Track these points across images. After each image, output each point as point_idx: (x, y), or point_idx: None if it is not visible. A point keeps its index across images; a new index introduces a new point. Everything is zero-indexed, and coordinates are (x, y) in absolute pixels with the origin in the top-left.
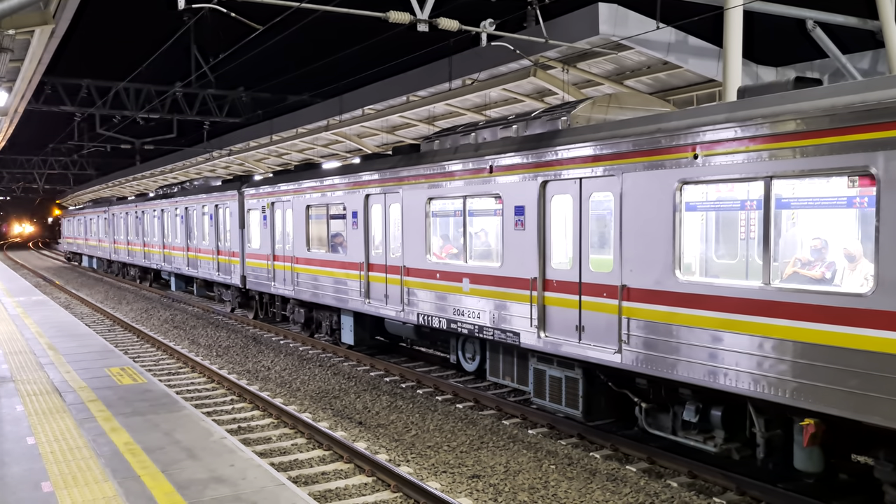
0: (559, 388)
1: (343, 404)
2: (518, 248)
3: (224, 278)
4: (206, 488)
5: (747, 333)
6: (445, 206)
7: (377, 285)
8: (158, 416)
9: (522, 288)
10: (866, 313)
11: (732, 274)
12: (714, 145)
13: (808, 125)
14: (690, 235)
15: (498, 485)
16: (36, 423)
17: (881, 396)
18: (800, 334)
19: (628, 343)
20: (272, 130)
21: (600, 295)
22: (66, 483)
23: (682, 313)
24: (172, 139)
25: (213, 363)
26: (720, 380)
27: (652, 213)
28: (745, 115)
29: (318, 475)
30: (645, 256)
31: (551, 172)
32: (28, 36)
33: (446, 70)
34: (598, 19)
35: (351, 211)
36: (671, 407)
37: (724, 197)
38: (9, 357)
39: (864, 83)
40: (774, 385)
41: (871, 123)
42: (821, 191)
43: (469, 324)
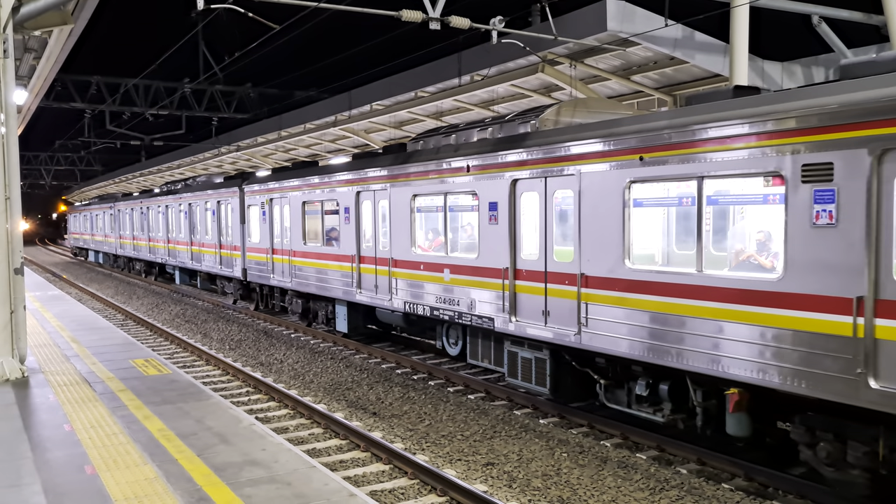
0: (530, 369)
1: (356, 395)
2: (492, 240)
3: (226, 271)
4: (242, 470)
5: (684, 315)
6: (428, 203)
7: (368, 276)
8: (187, 404)
9: (496, 277)
10: (777, 295)
11: (673, 262)
12: (657, 149)
13: (733, 132)
14: (638, 229)
15: (512, 472)
16: (70, 411)
17: (790, 367)
18: (725, 314)
19: (587, 325)
20: (280, 126)
21: (563, 283)
22: (108, 466)
23: (632, 298)
24: (181, 135)
25: (227, 356)
26: (664, 357)
27: (606, 208)
28: (682, 122)
29: (337, 463)
30: (600, 248)
31: (520, 172)
32: (47, 36)
33: (454, 66)
34: (606, 16)
35: (343, 207)
36: (626, 383)
37: (665, 194)
38: (34, 350)
39: (783, 94)
40: (706, 360)
41: (780, 131)
42: (743, 189)
43: (450, 311)
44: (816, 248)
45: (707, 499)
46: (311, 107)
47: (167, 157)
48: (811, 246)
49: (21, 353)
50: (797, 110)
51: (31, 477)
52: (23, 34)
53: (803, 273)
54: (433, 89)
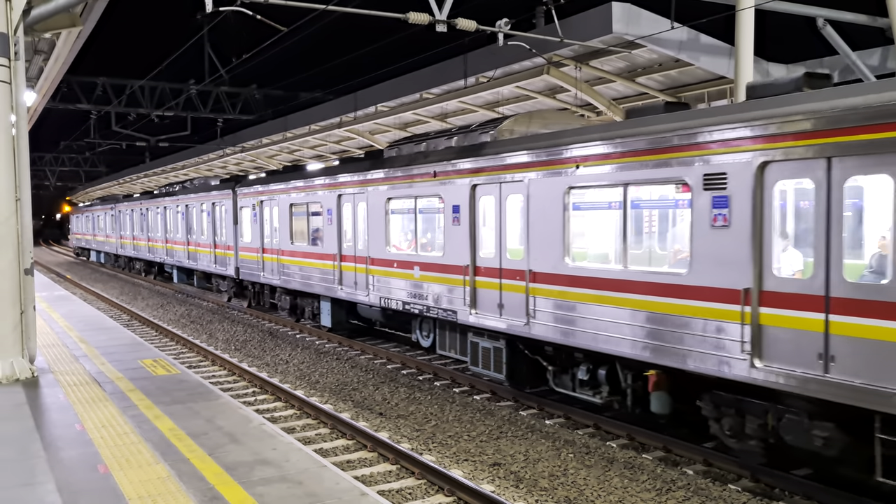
0: (489, 357)
1: (362, 396)
2: (455, 240)
3: (220, 270)
4: (253, 469)
5: (613, 306)
6: (401, 205)
7: (348, 273)
8: (197, 404)
9: (459, 274)
10: (685, 288)
11: (604, 260)
12: (590, 159)
13: (650, 144)
14: (575, 230)
15: (519, 472)
16: (81, 411)
17: (695, 350)
18: (645, 305)
19: (534, 317)
20: (286, 127)
21: (515, 278)
22: (121, 465)
23: (571, 291)
24: (186, 136)
25: (233, 356)
26: (598, 344)
27: (549, 212)
28: (609, 135)
29: (344, 463)
30: (545, 247)
31: (479, 178)
32: (55, 38)
33: (460, 68)
34: (612, 18)
35: (326, 208)
36: (570, 369)
37: (597, 199)
38: (43, 350)
39: (700, 111)
40: (630, 345)
41: (687, 145)
42: (660, 195)
43: (419, 305)
44: (714, 247)
45: (714, 499)
46: (317, 108)
47: (172, 159)
48: (710, 244)
49: (31, 353)
50: (700, 127)
51: (45, 476)
52: (33, 36)
53: (704, 268)
54: (438, 91)
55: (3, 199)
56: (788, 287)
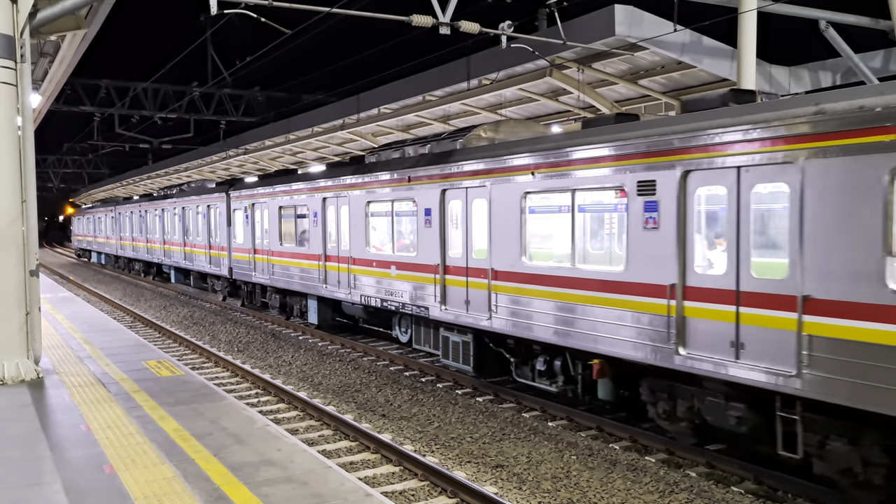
0: (458, 350)
1: (365, 398)
2: (427, 241)
3: (215, 270)
4: (258, 470)
5: (564, 301)
6: (379, 208)
7: (332, 273)
8: (202, 405)
9: (431, 272)
10: (622, 284)
11: (555, 259)
12: (542, 166)
13: (594, 153)
14: (531, 231)
15: (521, 474)
16: (87, 411)
17: (631, 340)
18: (589, 300)
19: (496, 312)
20: (288, 129)
21: (479, 276)
22: (126, 465)
23: (527, 288)
24: (189, 138)
25: (236, 358)
26: (551, 336)
27: (508, 214)
28: (559, 145)
29: (347, 465)
30: (504, 247)
31: (448, 183)
32: (60, 40)
33: (463, 70)
34: (614, 21)
35: (312, 211)
36: (530, 360)
37: (550, 203)
38: (48, 351)
39: (642, 123)
40: (575, 337)
41: (625, 154)
42: (603, 200)
43: (396, 302)
44: (646, 247)
45: (717, 502)
46: (320, 110)
47: (174, 161)
48: (643, 245)
49: (36, 354)
50: (635, 138)
51: (52, 476)
52: (38, 39)
53: (638, 266)
54: (441, 93)
55: (9, 201)
56: (707, 283)
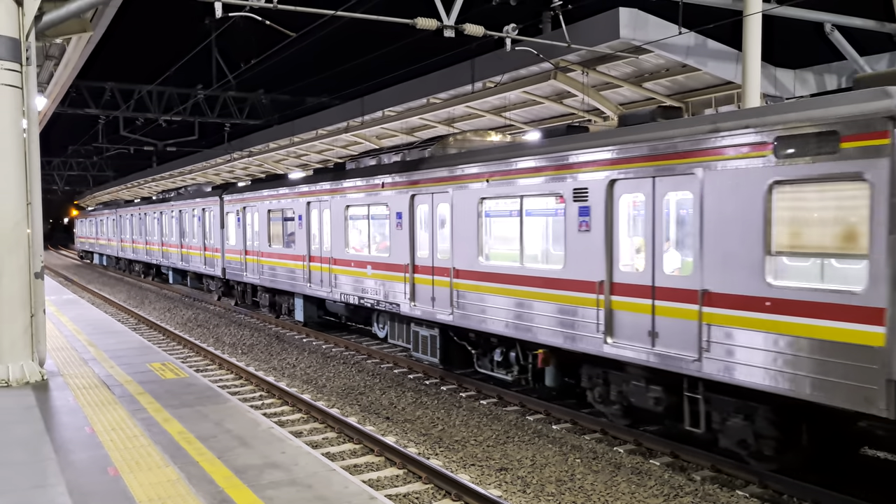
0: (427, 344)
1: (369, 400)
2: (398, 242)
3: (209, 270)
4: (263, 473)
5: (513, 297)
6: (357, 212)
7: (316, 273)
8: (206, 407)
9: (401, 272)
10: (562, 281)
11: (507, 259)
12: (495, 174)
13: (537, 163)
14: (486, 233)
15: (526, 477)
16: (91, 414)
17: (568, 331)
18: (534, 296)
19: (458, 307)
20: (293, 132)
21: (443, 275)
22: (131, 468)
23: (483, 285)
24: (193, 141)
25: (240, 360)
26: (504, 329)
27: (467, 218)
28: (508, 155)
29: (351, 467)
30: (464, 247)
31: (416, 189)
32: (65, 43)
33: (467, 73)
34: (619, 23)
35: (298, 214)
36: (488, 352)
37: (501, 208)
38: (53, 353)
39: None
40: (524, 329)
41: (563, 165)
42: (546, 205)
43: (371, 299)
44: (580, 247)
45: None
46: (324, 113)
47: (179, 163)
48: (578, 245)
49: (41, 356)
50: (571, 150)
51: (56, 478)
52: (44, 42)
53: (574, 265)
54: (445, 95)
55: (14, 204)
56: (629, 279)
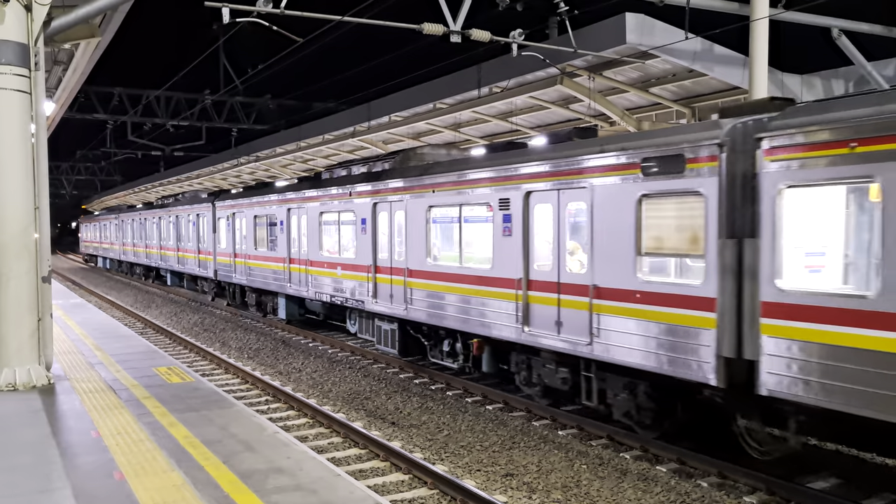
0: (388, 337)
1: (375, 405)
2: (363, 245)
3: (202, 272)
4: (268, 478)
5: (454, 293)
6: (329, 218)
7: (295, 273)
8: (211, 412)
9: (365, 272)
10: (489, 279)
11: (451, 259)
12: (439, 186)
13: (472, 176)
14: (433, 237)
15: (531, 483)
16: (97, 417)
17: (494, 322)
18: (465, 291)
19: (411, 303)
20: (299, 137)
21: (399, 274)
22: (136, 472)
23: (430, 283)
24: (201, 146)
25: (246, 365)
26: (449, 322)
27: (418, 223)
28: (450, 168)
29: (357, 472)
30: (416, 249)
31: (378, 197)
32: (74, 48)
33: (474, 78)
34: (625, 29)
35: (280, 220)
36: (438, 343)
37: (447, 215)
38: (59, 357)
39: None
40: (463, 321)
41: (493, 178)
42: (479, 213)
43: (341, 297)
44: (504, 249)
45: None
46: (331, 118)
47: (186, 168)
48: (502, 248)
49: (47, 360)
50: (499, 165)
51: (62, 482)
52: (52, 47)
53: (499, 265)
54: (452, 101)
55: (22, 208)
56: (541, 277)
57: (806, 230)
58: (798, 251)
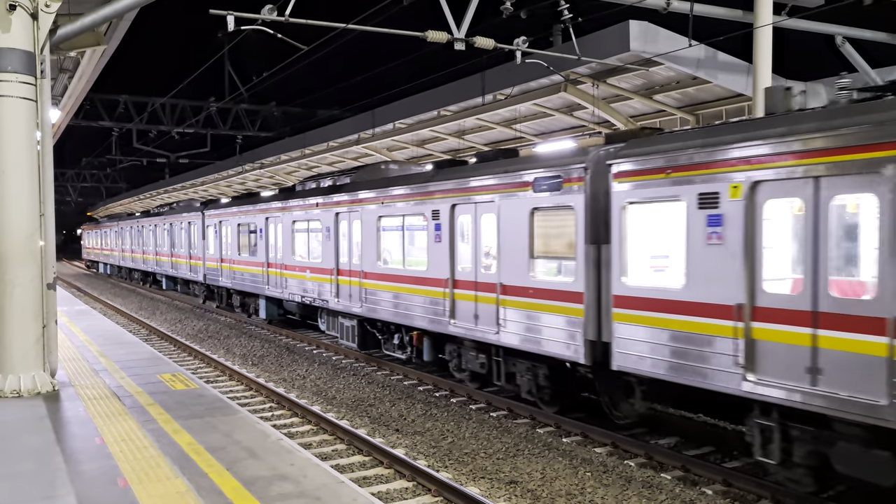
0: (349, 332)
1: (379, 412)
2: (328, 250)
3: (193, 276)
4: (271, 485)
5: (399, 292)
6: (300, 226)
7: (273, 277)
8: (215, 419)
9: (329, 274)
10: (425, 279)
11: (396, 263)
12: (389, 198)
13: (412, 191)
14: (384, 243)
15: (535, 490)
16: (101, 424)
17: (428, 317)
18: (407, 290)
19: (366, 301)
20: (304, 144)
21: (357, 276)
22: (140, 479)
23: (380, 283)
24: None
25: (250, 371)
26: (395, 318)
27: (371, 231)
28: (396, 182)
29: (360, 479)
30: (369, 254)
31: (339, 207)
32: (80, 56)
33: (478, 85)
34: (629, 36)
35: (259, 228)
36: (390, 337)
37: (393, 224)
38: (64, 364)
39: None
40: (406, 317)
41: (424, 192)
42: (417, 222)
43: (311, 297)
44: (436, 253)
45: None
46: (335, 125)
47: (190, 175)
48: (434, 252)
49: (52, 366)
50: (431, 182)
51: (66, 489)
52: (58, 55)
53: (432, 266)
54: (456, 108)
55: (27, 215)
56: (464, 277)
57: (642, 238)
58: (639, 254)
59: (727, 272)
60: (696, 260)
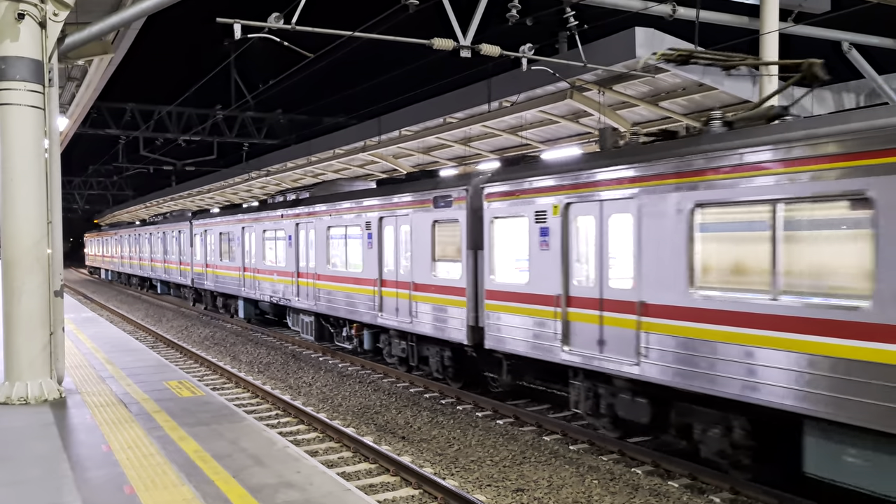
0: (308, 327)
1: (385, 419)
2: (290, 256)
3: (183, 280)
4: (278, 492)
5: (343, 291)
6: (269, 234)
7: (248, 280)
8: (221, 426)
9: (291, 276)
10: (361, 279)
11: (340, 265)
12: (336, 211)
13: (352, 205)
14: (333, 249)
15: (542, 498)
16: (108, 431)
17: (365, 311)
18: (349, 290)
19: (319, 300)
20: (310, 151)
21: (312, 278)
22: (146, 486)
23: (329, 284)
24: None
25: (256, 379)
26: (343, 314)
27: (321, 238)
28: (340, 198)
29: (366, 487)
30: (321, 259)
31: (298, 219)
32: (87, 65)
33: (483, 92)
34: (635, 43)
35: (237, 236)
36: (340, 330)
37: (339, 233)
38: (71, 371)
39: (373, 189)
40: (350, 312)
41: (363, 206)
42: (356, 231)
43: (277, 297)
44: (370, 258)
45: None
46: (341, 132)
47: (197, 182)
48: (368, 257)
49: (59, 373)
50: (366, 197)
51: (72, 496)
52: (66, 63)
53: (367, 268)
54: (462, 115)
55: (35, 223)
56: (390, 277)
57: (505, 245)
58: (503, 257)
59: (551, 271)
60: (535, 262)
